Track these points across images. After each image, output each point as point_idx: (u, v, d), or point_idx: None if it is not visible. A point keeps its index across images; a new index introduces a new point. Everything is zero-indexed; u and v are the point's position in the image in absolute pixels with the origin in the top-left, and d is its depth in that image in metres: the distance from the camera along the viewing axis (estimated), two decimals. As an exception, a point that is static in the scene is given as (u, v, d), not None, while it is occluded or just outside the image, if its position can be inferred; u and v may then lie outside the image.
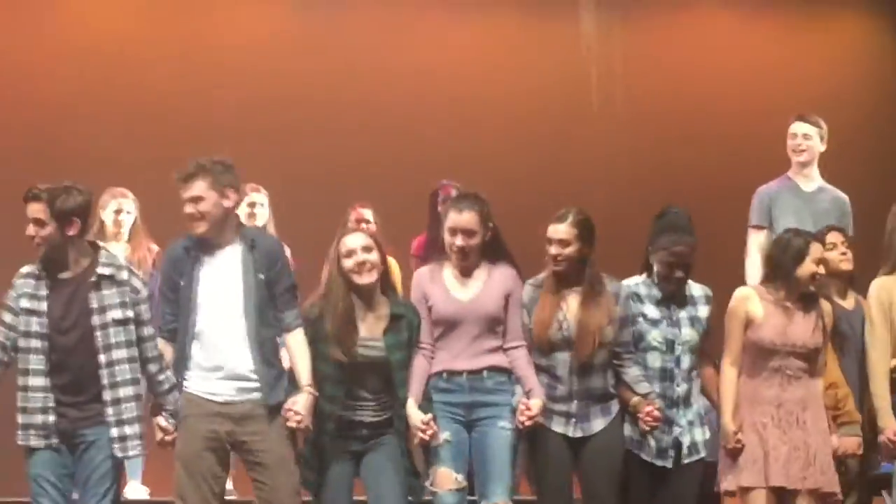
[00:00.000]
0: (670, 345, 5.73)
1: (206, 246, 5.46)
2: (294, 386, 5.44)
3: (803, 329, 5.82)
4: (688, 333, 5.77)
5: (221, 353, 5.37)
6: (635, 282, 5.85)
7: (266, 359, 5.40)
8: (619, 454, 5.67)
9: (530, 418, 5.47)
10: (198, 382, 5.40)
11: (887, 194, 9.70)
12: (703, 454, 5.78)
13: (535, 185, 9.69)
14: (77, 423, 5.31)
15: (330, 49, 9.68)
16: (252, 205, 7.24)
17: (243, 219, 6.79)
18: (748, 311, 5.82)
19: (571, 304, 5.66)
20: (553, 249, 5.65)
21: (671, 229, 5.83)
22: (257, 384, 5.37)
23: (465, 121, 9.78)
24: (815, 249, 5.89)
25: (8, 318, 5.34)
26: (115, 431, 5.28)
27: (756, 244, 7.04)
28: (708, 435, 5.84)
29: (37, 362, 5.27)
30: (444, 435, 5.48)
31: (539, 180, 9.76)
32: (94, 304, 5.30)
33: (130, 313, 5.33)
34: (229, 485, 6.26)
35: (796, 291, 5.86)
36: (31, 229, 5.29)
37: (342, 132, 9.53)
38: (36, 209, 5.27)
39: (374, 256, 5.55)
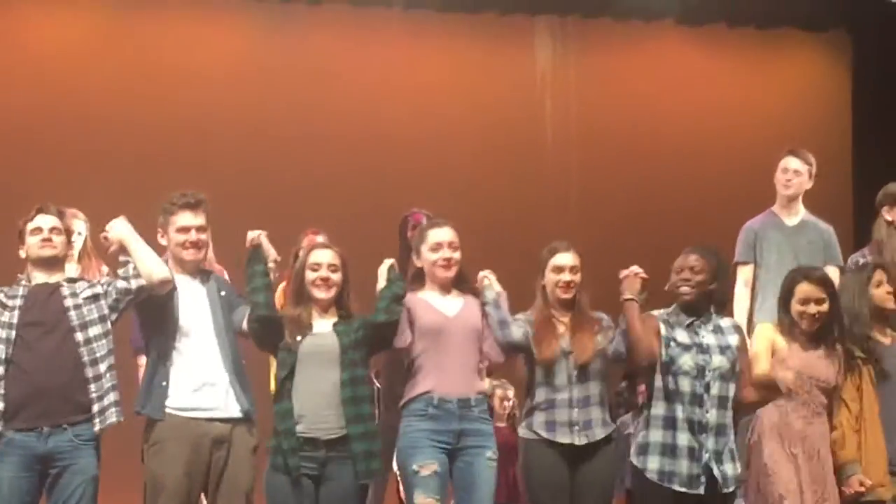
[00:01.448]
0: (701, 370, 5.74)
1: (176, 270, 5.61)
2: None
3: (826, 365, 5.89)
4: (718, 360, 5.77)
5: (200, 371, 5.47)
6: (664, 312, 5.91)
7: (238, 371, 5.55)
8: (612, 483, 5.83)
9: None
10: (177, 402, 5.45)
11: (842, 229, 9.85)
12: (732, 488, 5.76)
13: (484, 216, 9.70)
14: (54, 441, 5.31)
15: (290, 76, 9.69)
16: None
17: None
18: (773, 341, 5.90)
19: (567, 327, 5.82)
20: (566, 276, 5.84)
21: (689, 249, 5.97)
22: (234, 398, 5.49)
23: (418, 151, 9.78)
24: (802, 289, 5.91)
25: None
26: (95, 407, 5.39)
27: (742, 280, 7.10)
28: (739, 470, 5.81)
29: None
30: (433, 466, 5.49)
31: (490, 210, 9.78)
32: (66, 292, 5.51)
33: (99, 289, 5.56)
34: None
35: (802, 329, 5.91)
36: (46, 234, 5.57)
37: (304, 160, 9.54)
38: (53, 220, 5.61)
39: (337, 276, 5.63)
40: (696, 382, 5.73)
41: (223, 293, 5.62)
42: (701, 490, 5.68)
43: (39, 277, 5.55)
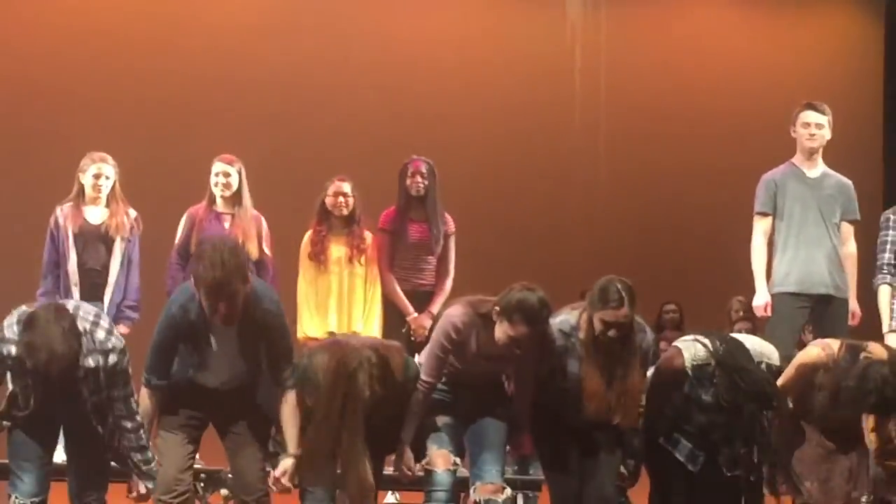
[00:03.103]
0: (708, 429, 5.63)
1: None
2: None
3: None
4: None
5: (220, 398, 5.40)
6: (700, 362, 5.56)
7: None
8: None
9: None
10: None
11: (872, 185, 9.82)
12: (736, 472, 5.62)
13: (512, 167, 9.71)
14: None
15: (313, 29, 9.68)
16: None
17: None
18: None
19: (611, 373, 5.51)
20: (613, 333, 5.42)
21: None
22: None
23: (447, 100, 9.77)
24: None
25: None
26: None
27: (761, 230, 6.93)
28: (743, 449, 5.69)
29: None
30: (445, 419, 5.49)
31: (518, 162, 9.78)
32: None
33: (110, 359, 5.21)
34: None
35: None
36: None
37: (333, 110, 9.55)
38: None
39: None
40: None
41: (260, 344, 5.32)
42: (695, 468, 5.55)
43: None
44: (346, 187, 7.28)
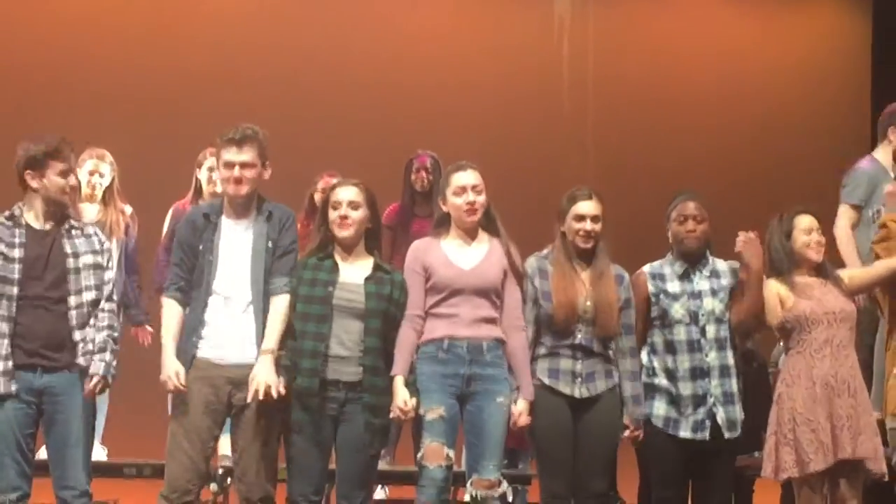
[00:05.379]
0: (694, 316, 5.82)
1: (226, 214, 5.54)
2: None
3: (834, 295, 5.84)
4: (710, 303, 5.85)
5: (232, 318, 5.44)
6: (659, 263, 5.98)
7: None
8: (617, 428, 5.77)
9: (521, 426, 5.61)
10: (207, 347, 5.44)
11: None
12: (738, 433, 5.84)
13: (501, 158, 9.70)
14: (49, 378, 5.34)
15: (310, 20, 9.70)
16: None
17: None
18: (779, 292, 5.83)
19: (586, 282, 5.75)
20: (587, 225, 5.75)
21: (679, 197, 6.00)
22: (258, 351, 5.43)
23: (436, 91, 9.80)
24: (801, 221, 5.90)
25: None
26: (82, 360, 5.38)
27: (850, 222, 6.84)
28: (743, 415, 5.88)
29: (4, 308, 5.32)
30: (439, 410, 5.48)
31: (506, 153, 9.80)
32: (69, 250, 5.43)
33: (100, 259, 5.49)
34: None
35: (805, 266, 5.88)
36: (73, 180, 5.58)
37: (323, 104, 9.55)
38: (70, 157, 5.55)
39: (357, 213, 5.60)
40: (690, 329, 5.80)
41: (270, 244, 5.50)
42: (706, 435, 5.75)
43: (34, 220, 5.46)
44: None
